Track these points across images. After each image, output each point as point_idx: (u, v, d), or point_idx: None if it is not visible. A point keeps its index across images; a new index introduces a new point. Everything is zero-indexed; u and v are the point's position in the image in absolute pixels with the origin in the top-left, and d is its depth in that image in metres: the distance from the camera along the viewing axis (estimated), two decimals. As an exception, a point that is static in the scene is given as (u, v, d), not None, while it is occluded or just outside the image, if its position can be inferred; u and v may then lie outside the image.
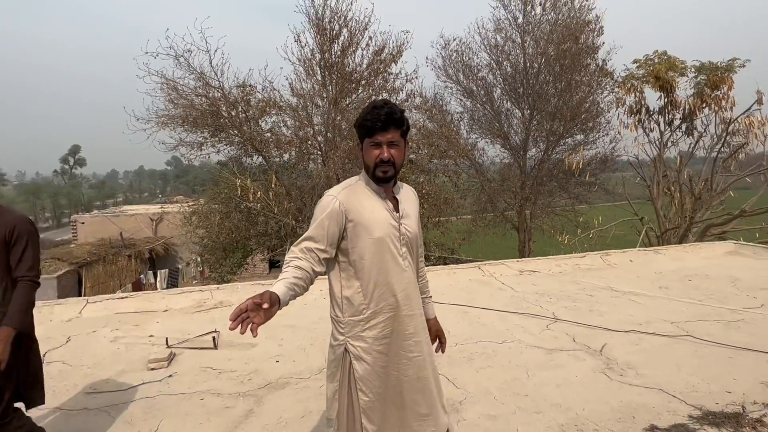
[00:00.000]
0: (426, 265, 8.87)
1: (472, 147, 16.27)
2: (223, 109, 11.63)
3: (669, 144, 14.55)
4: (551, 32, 14.84)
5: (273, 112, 12.20)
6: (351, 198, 1.89)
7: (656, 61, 14.02)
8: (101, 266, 17.32)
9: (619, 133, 14.98)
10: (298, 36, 11.72)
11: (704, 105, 13.58)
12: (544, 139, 15.84)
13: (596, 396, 3.15)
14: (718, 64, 13.42)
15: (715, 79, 13.30)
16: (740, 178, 13.65)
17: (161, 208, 21.01)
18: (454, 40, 16.01)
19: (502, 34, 15.65)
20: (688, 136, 14.30)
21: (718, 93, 13.40)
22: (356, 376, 1.90)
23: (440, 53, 16.16)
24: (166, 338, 4.26)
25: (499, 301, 5.31)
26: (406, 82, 12.62)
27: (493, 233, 16.95)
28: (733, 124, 13.12)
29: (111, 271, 17.76)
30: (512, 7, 15.44)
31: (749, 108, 12.85)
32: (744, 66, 13.25)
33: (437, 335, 2.26)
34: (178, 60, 10.91)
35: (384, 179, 1.89)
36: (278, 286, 1.65)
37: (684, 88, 13.97)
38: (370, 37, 12.04)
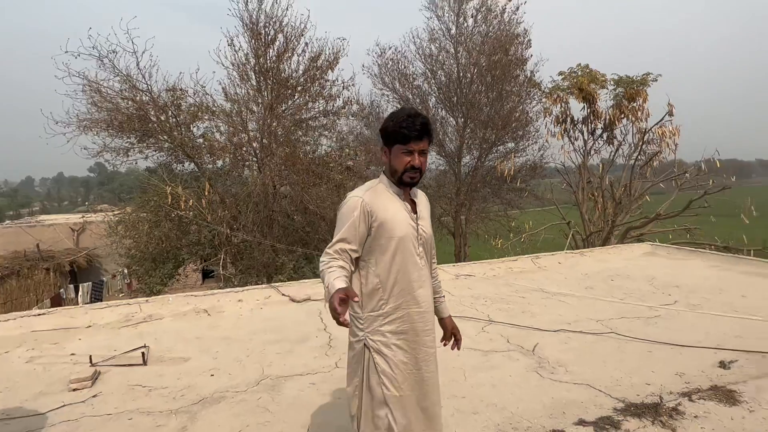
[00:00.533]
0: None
1: (408, 154, 16.50)
2: (152, 113, 11.14)
3: (592, 152, 15.43)
4: (483, 44, 15.38)
5: (205, 117, 11.83)
6: (375, 199, 1.99)
7: (579, 73, 14.86)
8: (15, 281, 16.03)
9: (546, 141, 15.73)
10: (232, 40, 11.46)
11: (622, 116, 14.52)
12: (477, 147, 16.35)
13: (529, 394, 3.27)
14: (634, 77, 14.41)
15: (631, 91, 14.27)
16: (655, 183, 14.70)
17: (83, 217, 19.74)
18: (390, 48, 16.26)
19: (437, 44, 16.07)
20: (609, 145, 15.22)
21: (635, 105, 14.38)
22: (378, 369, 1.97)
23: (376, 61, 16.35)
24: (90, 356, 4.00)
25: (437, 306, 5.40)
26: (343, 89, 12.63)
27: (430, 239, 17.23)
28: (648, 134, 14.11)
29: (26, 286, 16.47)
30: (445, 18, 15.89)
31: (662, 119, 13.88)
32: (656, 80, 14.31)
33: (453, 332, 2.38)
34: (102, 61, 10.35)
35: (411, 184, 2.04)
36: (341, 281, 1.74)
37: (605, 100, 14.89)
38: (307, 43, 11.97)
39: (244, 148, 11.97)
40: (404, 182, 2.02)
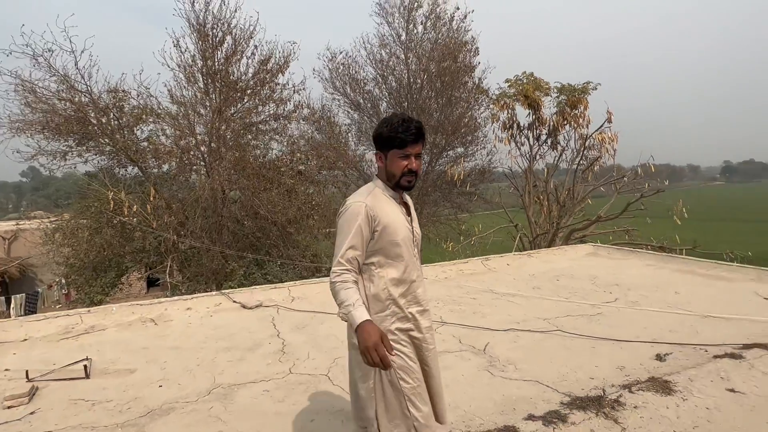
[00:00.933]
0: (318, 276, 8.77)
1: (360, 158, 16.57)
2: (92, 115, 10.68)
3: (537, 157, 15.97)
4: (432, 50, 15.66)
5: (150, 120, 11.44)
6: (376, 203, 2.04)
7: (524, 81, 15.36)
8: (-62, 294, 14.90)
9: (494, 146, 16.15)
10: (178, 41, 11.16)
11: (565, 122, 15.12)
12: (428, 152, 16.59)
13: (481, 392, 3.36)
14: (576, 86, 15.04)
15: (573, 99, 14.88)
16: (596, 187, 15.38)
17: (16, 224, 18.60)
18: (341, 53, 16.29)
19: (387, 50, 16.22)
20: (553, 150, 15.79)
21: (577, 112, 15.00)
22: (395, 366, 2.00)
23: (327, 65, 16.34)
24: (26, 371, 3.78)
25: (390, 309, 5.45)
26: (294, 92, 12.57)
27: (381, 243, 17.33)
28: (588, 140, 14.76)
29: (-49, 299, 15.34)
30: (396, 25, 16.07)
31: (601, 126, 14.55)
32: (596, 89, 14.99)
33: None
34: (36, 60, 9.83)
35: (408, 188, 2.10)
36: (363, 310, 1.87)
37: (549, 107, 15.44)
38: (256, 46, 11.83)
39: (192, 152, 11.66)
40: (401, 186, 2.10)
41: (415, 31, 16.02)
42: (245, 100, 12.17)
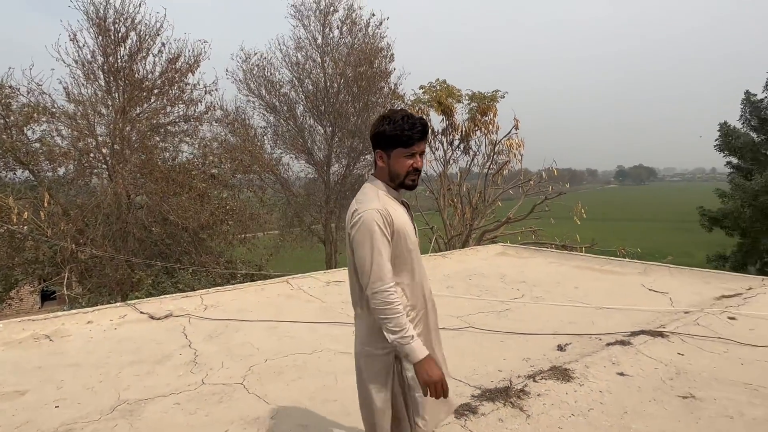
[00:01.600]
0: (233, 283, 8.46)
1: (276, 162, 16.29)
2: (-27, 113, 9.65)
3: (451, 161, 16.57)
4: (349, 55, 15.77)
5: (43, 119, 10.53)
6: (388, 207, 1.94)
7: (438, 88, 15.88)
8: None
9: (410, 151, 16.51)
10: (74, 34, 10.38)
11: (476, 128, 15.81)
12: (345, 155, 16.67)
13: (398, 391, 3.43)
14: (485, 94, 15.79)
15: (483, 106, 15.62)
16: (505, 190, 16.23)
17: None
18: (255, 54, 15.94)
19: (303, 53, 16.12)
20: (465, 155, 16.46)
21: (487, 119, 15.75)
22: (408, 375, 1.96)
23: (241, 66, 15.92)
24: None
25: (308, 313, 5.42)
26: (205, 93, 12.12)
27: (301, 247, 17.15)
28: (498, 146, 15.55)
29: None
30: (312, 28, 16.01)
31: (509, 132, 15.39)
32: (504, 97, 15.84)
33: None
34: None
35: (413, 187, 2.02)
36: (422, 345, 1.87)
37: (461, 113, 16.09)
38: (164, 44, 11.29)
39: (92, 155, 10.89)
40: (406, 186, 2.00)
41: (332, 35, 16.07)
42: (152, 100, 11.56)
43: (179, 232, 11.38)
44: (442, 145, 16.56)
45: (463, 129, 16.03)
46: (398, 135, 1.92)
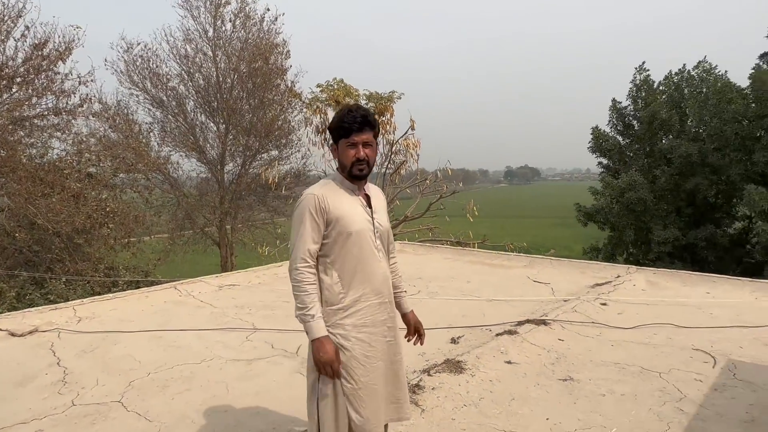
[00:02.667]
0: (114, 291, 7.80)
1: (165, 160, 15.28)
2: None
3: (349, 160, 16.59)
4: (242, 50, 15.20)
5: None
6: (330, 194, 2.02)
7: (335, 87, 15.81)
8: None
9: (308, 150, 16.30)
10: None
11: (374, 128, 15.98)
12: (241, 154, 16.06)
13: (293, 396, 3.32)
14: (382, 94, 16.00)
15: (380, 107, 15.81)
16: (402, 189, 16.58)
17: None
18: (139, 44, 14.80)
19: (193, 45, 15.28)
20: (363, 154, 16.56)
21: (384, 119, 15.96)
22: (341, 358, 1.98)
23: (122, 57, 14.71)
24: None
25: (198, 320, 5.10)
26: (80, 84, 11.02)
27: (193, 251, 16.24)
28: (395, 145, 15.84)
29: None
30: (202, 20, 15.23)
31: (406, 132, 15.73)
32: (400, 98, 16.16)
33: (416, 328, 2.38)
34: None
35: (360, 176, 2.06)
36: (321, 324, 1.96)
37: (358, 113, 16.14)
38: (28, 27, 10.08)
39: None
40: (354, 175, 2.05)
41: (224, 29, 15.40)
42: (14, 90, 10.28)
43: (50, 237, 10.24)
44: (341, 144, 16.52)
45: (361, 128, 16.10)
46: (339, 127, 2.03)
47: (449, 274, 7.12)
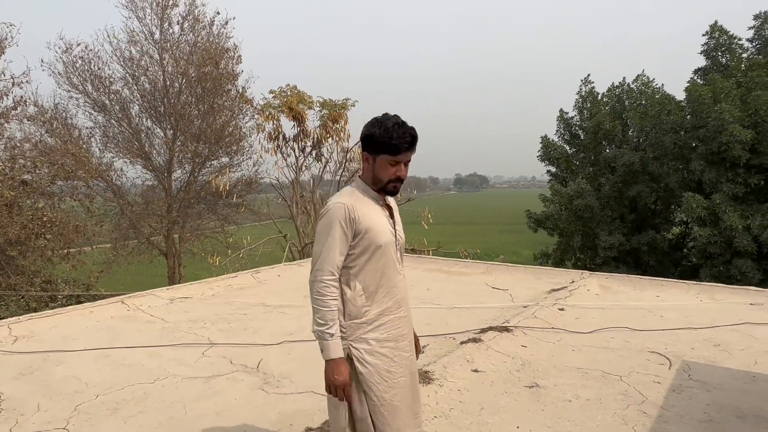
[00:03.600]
0: (53, 307, 7.35)
1: (107, 167, 14.54)
2: None
3: (303, 168, 16.35)
4: (191, 53, 14.74)
5: None
6: (358, 204, 1.94)
7: (289, 93, 15.60)
8: None
9: (261, 157, 15.97)
10: None
11: (328, 135, 15.83)
12: (189, 161, 15.52)
13: (256, 414, 3.16)
14: (337, 101, 15.91)
15: (335, 114, 15.71)
16: (357, 197, 16.50)
17: None
18: (79, 45, 14.05)
19: (138, 48, 14.65)
20: (317, 162, 16.37)
21: (338, 126, 15.87)
22: (361, 378, 1.95)
23: (61, 58, 13.91)
24: None
25: (149, 336, 4.82)
26: (14, 86, 10.34)
27: (138, 262, 15.51)
28: (349, 153, 15.75)
29: None
30: (148, 21, 14.65)
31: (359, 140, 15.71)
32: (354, 105, 16.12)
33: (416, 341, 2.26)
34: None
35: (393, 193, 2.02)
36: (339, 347, 1.90)
37: (312, 120, 15.97)
38: (-47, 23, 9.37)
39: None
40: (387, 191, 2.01)
41: (171, 31, 14.87)
42: (-62, 91, 9.52)
43: (-21, 250, 9.50)
44: (294, 151, 16.28)
45: (315, 136, 15.95)
46: (387, 142, 1.91)
47: (408, 282, 7.08)
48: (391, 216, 2.09)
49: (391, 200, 2.16)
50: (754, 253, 13.85)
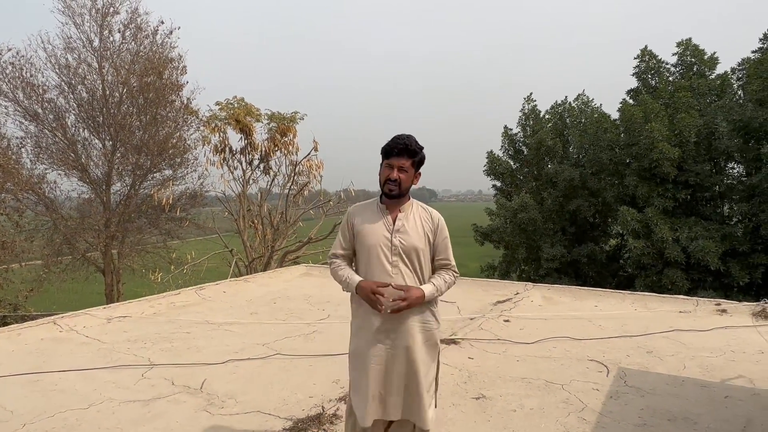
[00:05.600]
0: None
1: (39, 179, 13.74)
2: None
3: (251, 181, 16.09)
4: (133, 63, 14.24)
5: None
6: (359, 209, 2.47)
7: (236, 105, 15.36)
8: None
9: (206, 169, 15.58)
10: None
11: (276, 148, 15.68)
12: (130, 173, 14.91)
13: (199, 437, 3.05)
14: (285, 114, 15.80)
15: (283, 127, 15.59)
16: (306, 210, 16.38)
17: None
18: (9, 50, 13.28)
19: (75, 55, 14.01)
20: (265, 175, 16.16)
21: (287, 139, 15.75)
22: (349, 350, 2.49)
23: (-11, 63, 13.09)
24: None
25: (83, 359, 4.56)
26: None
27: (72, 279, 14.67)
28: (298, 166, 15.64)
29: None
30: (86, 28, 14.04)
31: (309, 153, 15.62)
32: (303, 119, 16.06)
33: (407, 295, 2.25)
34: None
35: (389, 195, 2.34)
36: (355, 276, 2.37)
37: (260, 133, 15.78)
38: None
39: None
40: (384, 193, 2.35)
41: (111, 39, 14.31)
42: None
43: None
44: (241, 164, 16.00)
45: (263, 149, 15.74)
46: (384, 148, 2.35)
47: (358, 297, 7.07)
48: (394, 224, 2.37)
49: (418, 212, 2.44)
50: (683, 264, 14.74)
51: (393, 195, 2.34)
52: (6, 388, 3.86)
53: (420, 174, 2.43)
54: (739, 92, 17.16)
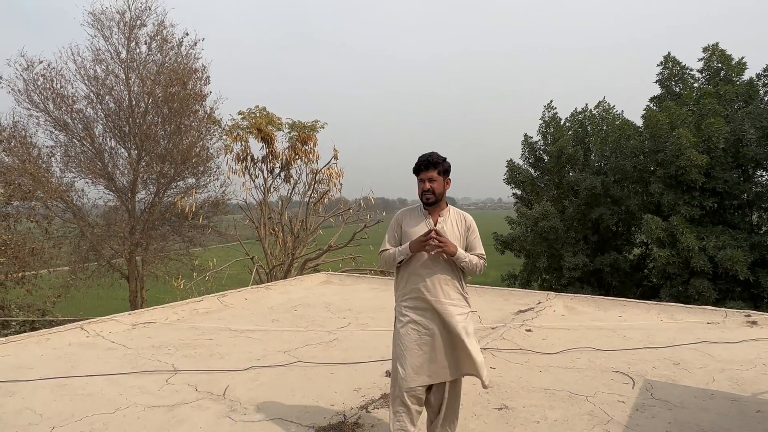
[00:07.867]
0: (6, 334, 7.02)
1: (68, 187, 14.11)
2: None
3: (272, 189, 16.24)
4: (158, 74, 14.58)
5: None
6: (407, 213, 2.94)
7: (258, 115, 15.56)
8: None
9: (228, 178, 15.80)
10: None
11: (297, 157, 15.82)
12: (154, 182, 15.22)
13: (222, 443, 3.08)
14: (306, 123, 15.95)
15: (304, 135, 15.73)
16: (326, 219, 16.45)
17: None
18: (41, 62, 13.72)
19: (103, 67, 14.41)
20: (286, 183, 16.30)
21: (307, 148, 15.87)
22: (395, 330, 2.87)
23: (21, 75, 13.54)
24: None
25: (110, 364, 4.64)
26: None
27: (98, 285, 14.99)
28: (318, 174, 15.75)
29: None
30: (114, 40, 14.46)
31: (329, 162, 15.72)
32: (324, 127, 16.18)
33: (443, 239, 2.71)
34: None
35: (428, 203, 2.83)
36: (402, 249, 2.79)
37: (281, 141, 15.95)
38: None
39: None
40: (423, 201, 2.84)
41: (138, 51, 14.70)
42: None
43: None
44: (262, 172, 16.18)
45: (284, 157, 15.90)
46: (414, 168, 2.84)
47: (378, 305, 7.07)
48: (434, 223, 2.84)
49: (455, 215, 2.89)
50: (710, 273, 14.39)
51: (431, 202, 2.82)
52: (35, 392, 3.95)
53: (450, 180, 2.88)
54: (766, 98, 16.76)
